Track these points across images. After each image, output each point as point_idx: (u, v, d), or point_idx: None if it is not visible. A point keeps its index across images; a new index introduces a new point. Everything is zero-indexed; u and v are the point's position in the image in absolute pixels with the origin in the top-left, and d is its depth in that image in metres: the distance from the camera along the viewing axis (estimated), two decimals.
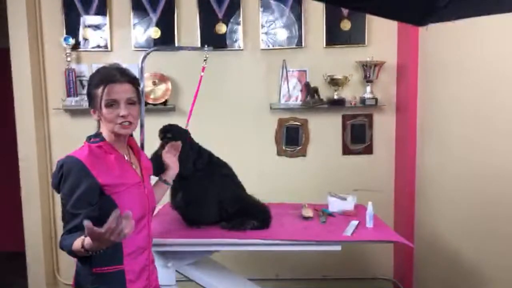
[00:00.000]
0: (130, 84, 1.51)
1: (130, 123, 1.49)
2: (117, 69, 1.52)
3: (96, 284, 1.47)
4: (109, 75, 1.49)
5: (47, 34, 3.02)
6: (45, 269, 3.08)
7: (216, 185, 2.10)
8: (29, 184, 3.00)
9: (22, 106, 2.96)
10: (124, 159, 1.55)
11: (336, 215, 2.31)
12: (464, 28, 2.22)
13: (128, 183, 1.50)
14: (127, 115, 1.48)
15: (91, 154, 1.45)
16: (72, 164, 1.42)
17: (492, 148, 2.04)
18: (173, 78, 3.03)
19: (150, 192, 1.62)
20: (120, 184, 1.47)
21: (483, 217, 2.12)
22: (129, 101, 1.49)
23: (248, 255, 3.09)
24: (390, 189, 3.15)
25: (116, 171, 1.47)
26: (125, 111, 1.47)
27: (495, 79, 2.01)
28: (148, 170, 1.68)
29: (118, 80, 1.48)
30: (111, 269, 1.47)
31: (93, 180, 1.41)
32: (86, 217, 1.33)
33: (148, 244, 1.59)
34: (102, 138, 1.51)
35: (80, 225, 1.37)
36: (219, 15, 3.00)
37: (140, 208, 1.53)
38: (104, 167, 1.45)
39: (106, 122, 1.49)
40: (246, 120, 3.08)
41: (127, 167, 1.54)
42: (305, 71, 3.05)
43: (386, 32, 3.01)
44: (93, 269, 1.46)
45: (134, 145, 1.64)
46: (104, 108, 1.47)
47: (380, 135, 3.11)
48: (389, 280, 3.21)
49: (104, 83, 1.47)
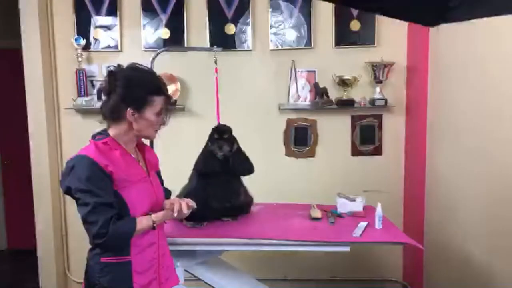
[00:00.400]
0: None
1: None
2: (160, 77, 1.64)
3: (103, 273, 1.51)
4: (162, 85, 1.60)
5: (58, 34, 3.05)
6: (56, 267, 3.11)
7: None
8: (41, 183, 3.04)
9: (34, 106, 2.99)
10: (129, 155, 1.58)
11: (345, 216, 2.30)
12: (475, 28, 2.19)
13: (133, 178, 1.54)
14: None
15: (98, 150, 1.50)
16: (83, 162, 1.46)
17: (503, 149, 2.01)
18: (182, 78, 3.04)
19: (157, 186, 1.66)
20: (126, 179, 1.51)
21: (494, 218, 2.09)
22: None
23: (257, 255, 3.09)
24: (399, 190, 3.12)
25: (122, 166, 1.51)
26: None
27: (507, 80, 1.99)
28: (154, 165, 1.72)
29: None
30: (119, 259, 1.52)
31: (105, 173, 1.46)
32: (116, 207, 1.46)
33: (158, 238, 1.62)
34: (107, 134, 1.56)
35: (115, 214, 1.45)
36: (228, 15, 3.01)
37: (148, 203, 1.57)
38: (110, 161, 1.49)
39: (147, 126, 1.56)
40: (255, 121, 3.08)
41: (132, 162, 1.57)
42: (314, 71, 3.04)
43: (396, 32, 2.99)
44: (101, 258, 1.51)
45: (139, 143, 1.68)
46: (154, 115, 1.56)
47: (390, 136, 3.09)
48: (399, 282, 3.19)
49: (164, 93, 1.58)
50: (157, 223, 1.57)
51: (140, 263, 1.55)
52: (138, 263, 1.55)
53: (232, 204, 2.15)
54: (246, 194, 2.26)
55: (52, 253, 3.09)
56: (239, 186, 2.22)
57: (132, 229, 1.48)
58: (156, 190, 1.63)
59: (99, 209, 1.43)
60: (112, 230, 1.43)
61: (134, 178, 1.54)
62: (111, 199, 1.46)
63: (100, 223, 1.42)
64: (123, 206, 1.50)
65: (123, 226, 1.46)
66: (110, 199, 1.46)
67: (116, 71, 1.55)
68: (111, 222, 1.43)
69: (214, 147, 2.12)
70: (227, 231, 2.06)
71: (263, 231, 2.05)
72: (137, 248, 1.54)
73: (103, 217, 1.42)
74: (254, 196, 2.39)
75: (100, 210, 1.43)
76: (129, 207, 1.51)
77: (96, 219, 1.43)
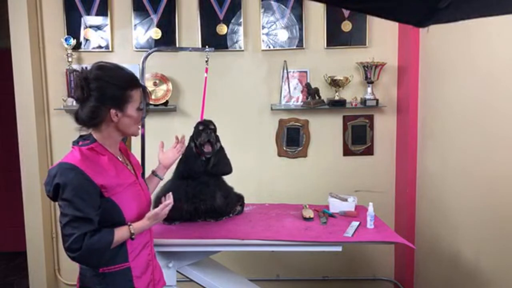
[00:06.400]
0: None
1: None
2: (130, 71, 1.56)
3: (103, 284, 1.47)
4: (135, 78, 1.52)
5: (48, 34, 3.02)
6: (46, 269, 3.08)
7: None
8: (30, 184, 3.00)
9: (23, 107, 2.96)
10: (117, 159, 1.55)
11: (337, 216, 2.31)
12: (465, 29, 2.22)
13: (125, 182, 1.50)
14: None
15: (84, 157, 1.43)
16: (68, 170, 1.39)
17: (493, 149, 2.03)
18: (174, 78, 3.03)
19: (145, 188, 1.64)
20: (117, 184, 1.47)
21: (484, 218, 2.12)
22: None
23: (249, 255, 3.09)
24: (391, 190, 3.14)
25: (112, 172, 1.47)
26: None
27: (496, 80, 2.01)
28: (139, 167, 1.70)
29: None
30: (118, 267, 1.48)
31: (92, 183, 1.40)
32: (96, 221, 1.41)
33: (150, 238, 1.62)
34: (93, 140, 1.48)
35: (95, 230, 1.40)
36: (220, 16, 3.00)
37: (138, 206, 1.55)
38: (99, 169, 1.44)
39: (131, 125, 1.51)
40: (247, 121, 3.08)
41: (121, 167, 1.54)
42: (306, 72, 3.05)
43: (387, 33, 3.02)
44: (100, 269, 1.46)
45: (121, 145, 1.65)
46: (135, 111, 1.50)
47: (381, 136, 3.11)
48: (390, 281, 3.21)
49: (138, 86, 1.50)
50: (136, 233, 1.50)
51: (138, 267, 1.53)
52: (137, 267, 1.52)
53: (208, 206, 2.12)
54: (227, 196, 2.21)
55: (42, 255, 3.06)
56: (216, 188, 2.16)
57: (109, 242, 1.41)
58: (145, 192, 1.62)
59: (76, 223, 1.37)
60: (86, 245, 1.36)
61: (125, 182, 1.50)
62: (92, 213, 1.39)
63: (74, 237, 1.36)
64: (118, 212, 1.46)
65: (99, 241, 1.39)
66: (90, 214, 1.38)
67: (87, 76, 1.44)
68: (86, 237, 1.36)
69: (202, 138, 2.11)
70: (219, 232, 2.05)
71: (255, 231, 2.05)
72: (134, 252, 1.52)
73: (78, 232, 1.36)
74: (246, 196, 2.39)
75: (77, 225, 1.36)
76: (124, 212, 1.47)
77: (71, 233, 1.37)
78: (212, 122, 2.19)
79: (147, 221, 1.53)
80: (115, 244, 1.45)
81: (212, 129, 2.15)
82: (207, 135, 2.10)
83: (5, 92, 3.39)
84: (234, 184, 2.33)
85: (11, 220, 3.88)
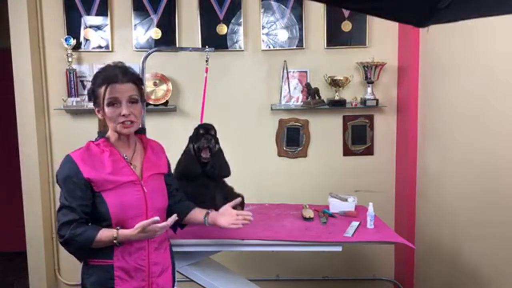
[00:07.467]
0: (132, 83, 1.52)
1: (131, 122, 1.51)
2: (120, 68, 1.53)
3: (86, 275, 1.53)
4: (112, 75, 1.50)
5: (48, 34, 3.02)
6: (46, 269, 3.08)
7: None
8: (30, 184, 3.00)
9: (23, 107, 2.96)
10: (121, 157, 1.54)
11: (337, 216, 2.31)
12: (465, 29, 2.22)
13: (119, 180, 1.49)
14: (129, 114, 1.49)
15: (86, 151, 1.51)
16: (64, 161, 1.50)
17: (493, 149, 2.03)
18: (174, 79, 3.03)
19: (153, 191, 1.57)
20: (108, 181, 1.47)
21: (484, 218, 2.12)
22: (131, 100, 1.50)
23: (249, 255, 3.09)
24: (391, 190, 3.14)
25: (108, 168, 1.49)
26: (127, 110, 1.48)
27: (496, 79, 2.01)
28: (154, 167, 1.62)
29: (120, 79, 1.49)
30: (101, 262, 1.51)
31: (79, 174, 1.46)
32: (81, 212, 1.46)
33: (148, 244, 1.55)
34: (102, 136, 1.56)
35: (78, 219, 1.46)
36: (220, 16, 3.01)
37: (134, 207, 1.51)
38: (94, 163, 1.49)
39: (109, 121, 1.52)
40: (247, 121, 3.08)
41: (122, 164, 1.53)
42: (306, 72, 3.05)
43: (387, 33, 3.02)
44: (88, 259, 1.52)
45: (145, 143, 1.65)
46: (106, 107, 1.49)
47: (381, 136, 3.11)
48: (390, 281, 3.21)
49: (106, 83, 1.49)
50: (121, 240, 1.46)
51: (123, 269, 1.50)
52: (122, 268, 1.50)
53: (208, 207, 2.10)
54: (227, 197, 2.17)
55: (42, 255, 3.06)
56: (216, 189, 2.15)
57: (90, 238, 1.43)
58: (150, 195, 1.55)
59: (63, 211, 1.46)
60: (69, 235, 1.44)
61: (118, 181, 1.49)
62: (74, 203, 1.45)
63: (59, 224, 1.46)
64: (104, 209, 1.47)
65: (80, 234, 1.43)
66: (73, 203, 1.45)
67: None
68: (71, 227, 1.44)
69: (201, 143, 2.07)
70: (219, 232, 2.05)
71: (255, 231, 2.05)
72: (122, 252, 1.50)
73: (63, 219, 1.45)
74: (246, 196, 2.39)
75: (64, 212, 1.46)
76: (110, 210, 1.47)
77: (59, 219, 1.47)
78: (213, 127, 2.15)
79: (135, 231, 1.45)
80: (99, 243, 1.46)
81: (212, 135, 2.11)
82: (207, 141, 2.07)
83: (5, 92, 3.39)
84: (234, 184, 2.32)
85: (11, 220, 3.88)
